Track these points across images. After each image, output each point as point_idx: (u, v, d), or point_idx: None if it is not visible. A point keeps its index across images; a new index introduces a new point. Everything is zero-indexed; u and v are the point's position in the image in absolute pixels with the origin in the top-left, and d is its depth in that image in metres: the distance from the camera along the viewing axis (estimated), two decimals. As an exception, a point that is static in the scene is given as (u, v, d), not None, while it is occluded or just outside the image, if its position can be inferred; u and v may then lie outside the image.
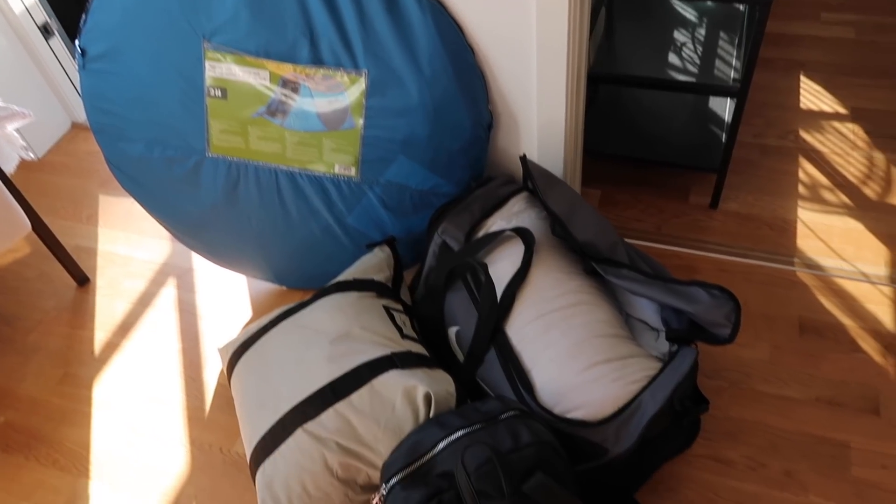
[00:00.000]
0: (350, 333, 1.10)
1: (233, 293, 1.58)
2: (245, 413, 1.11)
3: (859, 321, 1.32)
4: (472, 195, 1.26)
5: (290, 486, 1.00)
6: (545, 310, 1.09)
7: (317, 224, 1.34)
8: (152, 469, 1.29)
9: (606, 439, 0.97)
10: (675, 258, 1.49)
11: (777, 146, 1.70)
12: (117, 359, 1.49)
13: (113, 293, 1.63)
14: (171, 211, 1.42)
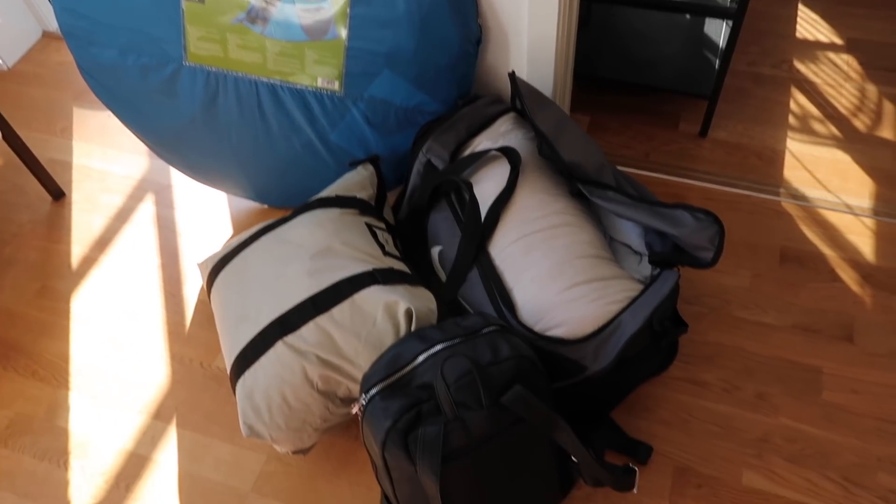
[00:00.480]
0: (331, 249, 1.09)
1: (212, 210, 1.55)
2: (225, 326, 1.11)
3: (840, 251, 1.33)
4: (459, 114, 1.23)
5: (271, 397, 1.00)
6: (529, 230, 1.08)
7: (298, 140, 1.30)
8: (132, 381, 1.29)
9: (585, 357, 0.98)
10: (662, 186, 1.48)
11: (770, 75, 1.68)
12: (95, 273, 1.47)
13: (90, 208, 1.60)
14: (147, 123, 1.37)
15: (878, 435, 1.10)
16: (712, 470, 1.09)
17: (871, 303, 1.25)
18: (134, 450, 1.21)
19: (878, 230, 1.35)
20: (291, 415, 1.01)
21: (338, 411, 1.04)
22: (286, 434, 1.02)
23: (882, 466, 1.07)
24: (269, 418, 1.00)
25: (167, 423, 1.23)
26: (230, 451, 1.18)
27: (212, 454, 1.18)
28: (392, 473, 0.88)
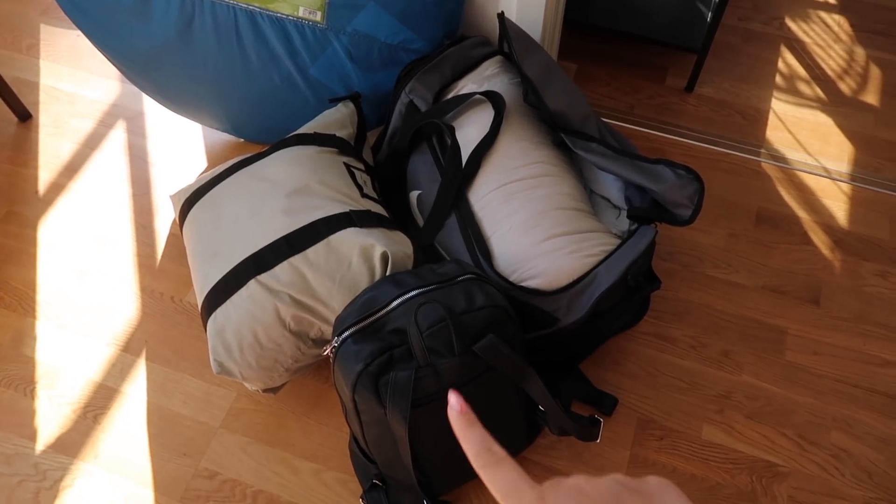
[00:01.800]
0: (308, 187, 1.06)
1: (186, 141, 1.51)
2: (197, 261, 1.09)
3: (814, 215, 1.34)
4: (444, 54, 1.19)
5: (242, 335, 0.99)
6: (509, 178, 1.07)
7: (277, 72, 1.26)
8: (101, 312, 1.28)
9: (559, 309, 0.99)
10: (644, 140, 1.47)
11: (761, 32, 1.65)
12: (63, 200, 1.43)
13: (58, 132, 1.54)
14: (118, 45, 1.31)
15: (835, 395, 1.14)
16: (674, 423, 1.12)
17: (840, 267, 1.27)
18: (102, 381, 1.20)
19: (853, 195, 1.37)
20: (263, 354, 1.00)
21: (309, 352, 1.04)
22: (257, 373, 1.02)
23: (836, 426, 1.11)
24: (240, 356, 1.00)
25: (136, 356, 1.22)
26: (200, 386, 1.18)
27: (181, 389, 1.18)
28: (361, 416, 0.89)
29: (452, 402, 0.37)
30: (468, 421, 0.36)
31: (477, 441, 0.35)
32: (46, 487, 1.09)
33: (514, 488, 0.33)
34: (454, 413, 0.36)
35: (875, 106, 1.51)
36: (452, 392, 0.37)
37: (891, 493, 1.04)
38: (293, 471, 1.09)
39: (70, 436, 1.14)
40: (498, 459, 0.34)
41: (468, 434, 0.35)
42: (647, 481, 0.32)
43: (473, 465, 0.34)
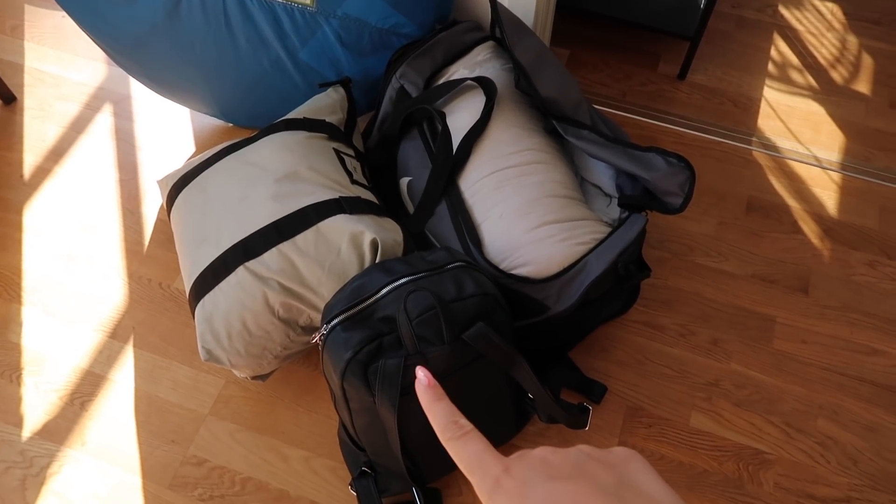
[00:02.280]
0: (297, 173, 1.05)
1: (174, 126, 1.49)
2: (185, 247, 1.08)
3: (804, 204, 1.35)
4: (435, 39, 1.18)
5: (231, 323, 0.99)
6: (500, 165, 1.06)
7: (266, 56, 1.24)
8: (88, 298, 1.26)
9: (549, 297, 0.99)
10: (636, 127, 1.46)
11: (754, 19, 1.65)
12: (49, 185, 1.41)
13: (43, 115, 1.52)
14: (105, 27, 1.29)
15: (822, 384, 1.14)
16: (662, 411, 1.12)
17: (829, 256, 1.28)
18: (89, 368, 1.19)
19: (843, 184, 1.37)
20: (251, 341, 1.00)
21: (298, 339, 1.04)
22: (245, 360, 1.01)
23: (822, 413, 1.12)
24: (229, 344, 0.99)
25: (124, 343, 1.21)
26: (188, 373, 1.17)
27: (169, 376, 1.17)
28: (350, 404, 0.89)
29: (420, 377, 0.37)
30: (435, 395, 0.36)
31: (443, 415, 0.35)
32: (33, 474, 1.09)
33: (479, 461, 0.33)
34: (421, 387, 0.37)
35: (867, 95, 1.51)
36: (420, 367, 0.38)
37: (875, 480, 1.06)
38: (282, 458, 1.09)
39: (57, 423, 1.13)
40: (464, 433, 0.34)
41: (435, 408, 0.36)
42: (612, 452, 0.33)
43: (440, 439, 0.35)
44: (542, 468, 0.31)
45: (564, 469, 0.31)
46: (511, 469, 0.32)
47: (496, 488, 0.31)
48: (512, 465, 0.32)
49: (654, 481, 0.30)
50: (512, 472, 0.32)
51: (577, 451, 0.32)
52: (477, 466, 0.33)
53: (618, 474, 0.30)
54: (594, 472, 0.31)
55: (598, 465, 0.31)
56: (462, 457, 0.34)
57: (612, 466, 0.31)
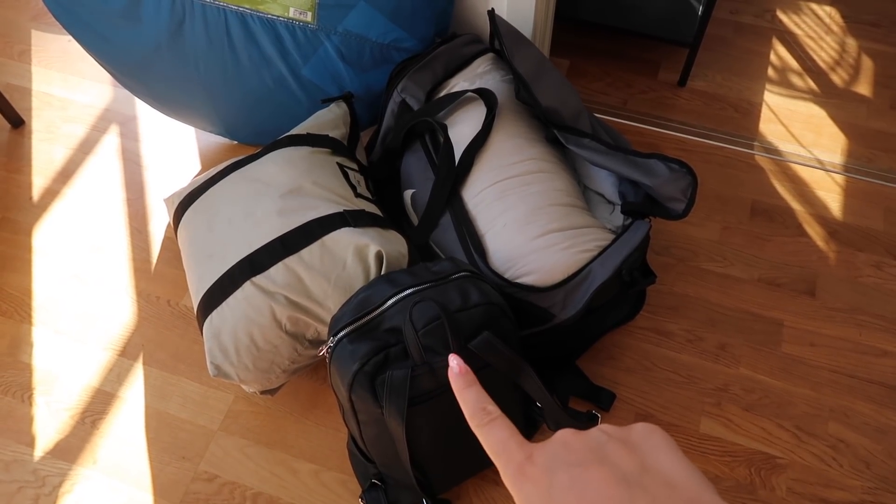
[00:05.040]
0: (301, 188, 1.06)
1: (180, 145, 1.51)
2: (192, 264, 1.09)
3: (808, 207, 1.34)
4: (435, 52, 1.19)
5: (238, 338, 0.99)
6: (503, 175, 1.07)
7: (269, 74, 1.26)
8: (98, 317, 1.27)
9: (554, 305, 0.99)
10: (638, 135, 1.47)
11: (752, 25, 1.65)
12: (58, 206, 1.43)
13: (51, 137, 1.54)
14: (110, 49, 1.31)
15: (832, 387, 1.14)
16: (672, 417, 1.12)
17: (835, 258, 1.27)
18: (100, 386, 1.20)
19: (846, 186, 1.37)
20: (259, 356, 1.00)
21: (306, 353, 1.04)
22: (254, 374, 1.01)
23: (833, 416, 1.11)
24: (237, 359, 0.99)
25: (133, 361, 1.22)
26: (197, 389, 1.18)
27: (179, 392, 1.18)
28: (359, 415, 0.89)
29: (452, 365, 0.38)
30: (466, 382, 0.37)
31: (473, 401, 0.36)
32: (46, 493, 1.09)
33: (504, 447, 0.33)
34: (453, 374, 0.37)
35: (867, 97, 1.51)
36: (452, 355, 0.38)
37: (889, 483, 1.05)
38: (292, 472, 1.09)
39: (68, 441, 1.14)
40: (492, 419, 0.35)
41: (465, 395, 0.36)
42: (633, 430, 0.32)
43: (470, 425, 0.35)
44: (563, 454, 0.31)
45: (585, 454, 0.31)
46: (534, 456, 0.32)
47: (520, 475, 0.32)
48: (535, 452, 0.32)
49: (677, 461, 0.30)
50: (535, 458, 0.32)
51: (598, 432, 0.32)
52: (502, 452, 0.33)
53: (639, 457, 0.30)
54: (615, 457, 0.30)
55: (619, 449, 0.31)
56: (488, 443, 0.34)
57: (634, 449, 0.31)
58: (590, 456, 0.31)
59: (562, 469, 0.31)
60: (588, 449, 0.31)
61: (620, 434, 0.32)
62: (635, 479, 0.29)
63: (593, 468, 0.30)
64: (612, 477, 0.29)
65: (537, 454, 0.32)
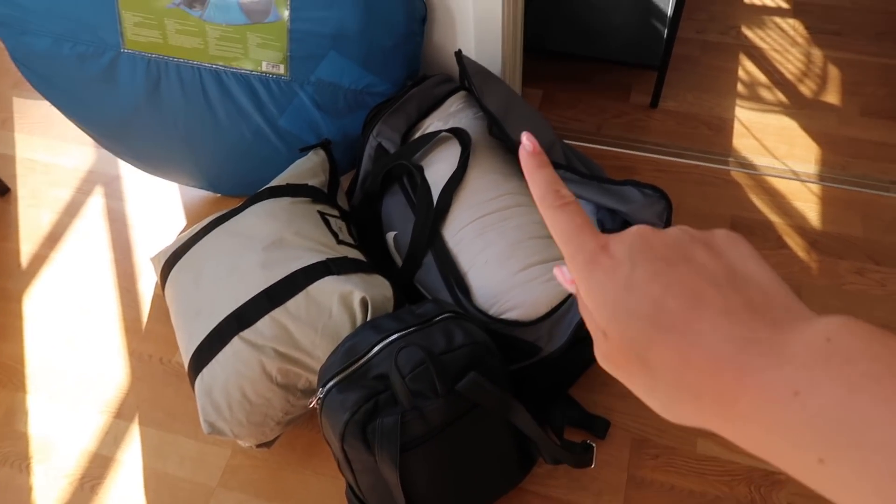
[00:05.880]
0: (284, 239, 1.08)
1: (164, 201, 1.52)
2: (180, 322, 1.10)
3: (787, 218, 1.36)
4: (408, 95, 1.21)
5: (230, 393, 1.00)
6: (482, 212, 1.08)
7: (247, 127, 1.28)
8: (91, 380, 1.28)
9: (540, 338, 1.00)
10: (614, 159, 1.49)
11: (718, 42, 1.69)
12: (47, 271, 1.44)
13: (37, 203, 1.55)
14: (89, 113, 1.33)
15: (825, 396, 1.14)
16: (668, 440, 1.12)
17: (818, 268, 1.29)
18: (97, 450, 1.20)
19: (823, 195, 1.39)
20: (252, 410, 1.01)
21: (299, 403, 1.04)
22: (248, 429, 1.02)
23: (828, 426, 1.11)
24: (230, 414, 1.00)
25: (129, 422, 1.22)
26: (195, 447, 1.18)
27: (176, 451, 1.18)
28: (353, 465, 0.89)
29: (524, 142, 0.34)
30: (538, 162, 0.34)
31: (544, 182, 0.33)
32: (47, 564, 1.09)
33: (576, 233, 0.31)
34: (525, 153, 0.34)
35: (836, 105, 1.54)
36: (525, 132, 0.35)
37: (888, 490, 1.05)
38: (293, 523, 1.09)
39: (67, 509, 1.14)
40: (564, 202, 0.32)
41: (536, 175, 0.33)
42: (715, 234, 0.30)
43: (539, 206, 0.33)
44: (643, 247, 0.29)
45: (669, 250, 0.28)
46: (609, 246, 0.29)
47: (592, 262, 0.29)
48: (610, 242, 0.30)
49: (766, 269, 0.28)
50: (610, 249, 0.29)
51: (680, 230, 0.30)
52: (573, 238, 0.31)
53: (726, 261, 0.28)
54: (701, 258, 0.28)
55: (705, 251, 0.28)
56: (558, 227, 0.32)
57: (720, 252, 0.28)
58: (674, 253, 0.28)
59: (644, 262, 0.28)
60: (671, 246, 0.29)
61: (703, 237, 0.29)
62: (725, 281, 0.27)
63: (680, 265, 0.27)
64: (700, 275, 0.27)
65: (613, 245, 0.29)
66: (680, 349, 0.26)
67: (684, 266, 0.27)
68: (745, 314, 0.25)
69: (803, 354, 0.23)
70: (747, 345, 0.24)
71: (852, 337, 0.23)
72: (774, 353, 0.24)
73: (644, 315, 0.27)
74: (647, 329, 0.27)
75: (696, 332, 0.25)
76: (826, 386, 0.22)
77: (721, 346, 0.25)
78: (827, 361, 0.22)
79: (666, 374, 0.26)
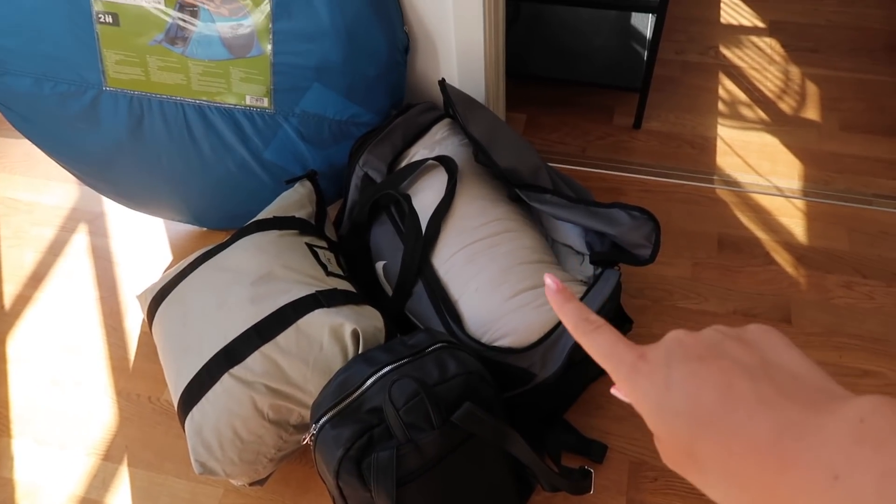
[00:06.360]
0: (272, 273, 1.07)
1: (149, 237, 1.51)
2: (169, 360, 1.08)
3: (774, 235, 1.37)
4: (393, 124, 1.22)
5: (221, 432, 0.98)
6: (470, 239, 1.08)
7: (232, 160, 1.27)
8: (78, 422, 1.25)
9: (533, 364, 0.99)
10: (600, 181, 1.49)
11: (697, 62, 1.71)
12: (31, 312, 1.42)
13: (20, 243, 1.54)
14: (71, 152, 1.32)
15: (820, 412, 1.14)
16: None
17: (806, 283, 1.29)
18: (85, 494, 1.17)
19: (807, 211, 1.40)
20: (244, 448, 0.99)
21: (291, 439, 1.03)
22: (240, 468, 1.00)
23: (825, 442, 1.11)
24: (222, 453, 0.98)
25: (118, 464, 1.19)
26: (186, 487, 1.15)
27: (167, 492, 1.15)
28: (349, 501, 0.88)
29: (549, 283, 0.37)
30: (565, 297, 0.37)
31: (574, 314, 0.36)
32: None
33: (613, 349, 0.33)
34: (550, 292, 0.37)
35: (816, 121, 1.56)
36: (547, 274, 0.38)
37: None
38: (289, 563, 1.07)
39: (55, 557, 1.11)
40: (596, 327, 0.34)
41: (565, 309, 0.36)
42: (747, 329, 0.31)
43: (574, 335, 0.35)
44: (679, 350, 0.31)
45: (702, 349, 0.30)
46: (647, 354, 0.31)
47: (634, 372, 0.31)
48: (647, 351, 0.32)
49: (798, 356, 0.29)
50: (648, 356, 0.31)
51: (713, 331, 0.32)
52: (612, 354, 0.33)
53: (759, 353, 0.29)
54: (735, 352, 0.29)
55: (738, 345, 0.30)
56: (597, 349, 0.34)
57: (752, 345, 0.30)
58: (708, 351, 0.30)
59: (679, 363, 0.30)
60: (705, 345, 0.30)
61: (736, 333, 0.31)
62: (759, 372, 0.28)
63: (713, 361, 0.29)
64: (734, 368, 0.28)
65: (650, 353, 0.31)
66: (721, 441, 0.27)
67: (719, 362, 0.29)
68: (778, 400, 0.26)
69: (839, 437, 0.24)
70: (784, 429, 0.25)
71: (884, 418, 0.23)
72: (811, 435, 0.24)
73: (684, 412, 0.28)
74: (689, 425, 0.28)
75: (735, 422, 0.27)
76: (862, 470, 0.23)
77: (759, 433, 0.26)
78: (862, 444, 0.23)
79: (713, 466, 0.27)
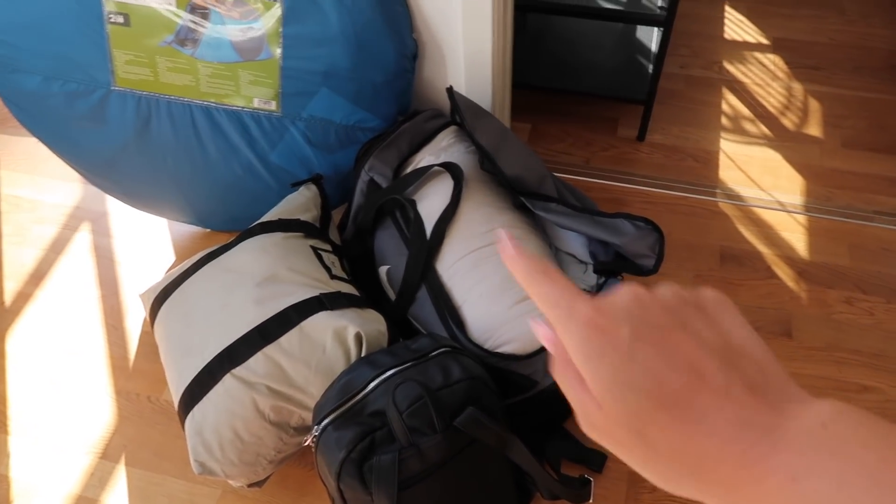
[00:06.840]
0: (276, 275, 1.07)
1: (152, 237, 1.51)
2: (170, 360, 1.08)
3: (775, 249, 1.38)
4: (399, 130, 1.22)
5: (221, 433, 0.98)
6: (475, 245, 1.08)
7: (238, 162, 1.28)
8: (77, 421, 1.25)
9: (536, 371, 0.99)
10: (603, 192, 1.50)
11: (702, 77, 1.72)
12: (31, 309, 1.41)
13: (21, 240, 1.53)
14: (78, 150, 1.33)
15: (819, 426, 1.14)
16: (665, 472, 1.11)
17: (807, 298, 1.30)
18: (82, 493, 1.16)
19: (809, 226, 1.41)
20: (244, 449, 0.99)
21: (292, 441, 1.03)
22: (240, 469, 1.00)
23: (824, 456, 1.11)
24: (221, 454, 0.98)
25: (115, 463, 1.19)
26: (183, 487, 1.15)
27: (164, 492, 1.15)
28: (349, 504, 0.87)
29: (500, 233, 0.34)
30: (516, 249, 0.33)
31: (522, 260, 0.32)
32: None
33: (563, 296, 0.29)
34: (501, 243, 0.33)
35: (819, 137, 1.57)
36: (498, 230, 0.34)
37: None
38: (285, 566, 1.06)
39: (50, 555, 1.10)
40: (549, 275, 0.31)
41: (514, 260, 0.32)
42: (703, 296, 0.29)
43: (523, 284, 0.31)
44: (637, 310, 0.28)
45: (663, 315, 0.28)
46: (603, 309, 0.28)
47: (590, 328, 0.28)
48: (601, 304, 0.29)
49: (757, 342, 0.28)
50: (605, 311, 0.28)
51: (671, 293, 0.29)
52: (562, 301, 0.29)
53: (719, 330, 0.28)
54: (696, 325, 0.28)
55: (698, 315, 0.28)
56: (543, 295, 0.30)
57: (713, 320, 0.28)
58: (669, 319, 0.28)
59: (640, 327, 0.27)
60: (664, 310, 0.28)
61: (694, 299, 0.29)
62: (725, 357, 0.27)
63: (676, 334, 0.27)
64: (700, 349, 0.27)
65: (606, 307, 0.28)
66: (682, 429, 0.26)
67: (682, 336, 0.27)
68: (744, 395, 0.26)
69: (800, 441, 0.24)
70: (748, 428, 0.25)
71: (845, 425, 0.24)
72: (775, 437, 0.25)
73: (645, 390, 0.26)
74: (648, 404, 0.26)
75: (699, 411, 0.26)
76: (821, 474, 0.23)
77: (723, 428, 0.25)
78: (822, 449, 0.23)
79: (666, 450, 0.26)
